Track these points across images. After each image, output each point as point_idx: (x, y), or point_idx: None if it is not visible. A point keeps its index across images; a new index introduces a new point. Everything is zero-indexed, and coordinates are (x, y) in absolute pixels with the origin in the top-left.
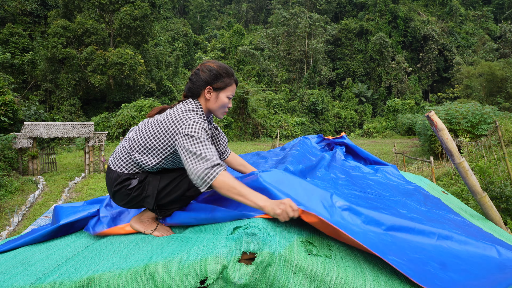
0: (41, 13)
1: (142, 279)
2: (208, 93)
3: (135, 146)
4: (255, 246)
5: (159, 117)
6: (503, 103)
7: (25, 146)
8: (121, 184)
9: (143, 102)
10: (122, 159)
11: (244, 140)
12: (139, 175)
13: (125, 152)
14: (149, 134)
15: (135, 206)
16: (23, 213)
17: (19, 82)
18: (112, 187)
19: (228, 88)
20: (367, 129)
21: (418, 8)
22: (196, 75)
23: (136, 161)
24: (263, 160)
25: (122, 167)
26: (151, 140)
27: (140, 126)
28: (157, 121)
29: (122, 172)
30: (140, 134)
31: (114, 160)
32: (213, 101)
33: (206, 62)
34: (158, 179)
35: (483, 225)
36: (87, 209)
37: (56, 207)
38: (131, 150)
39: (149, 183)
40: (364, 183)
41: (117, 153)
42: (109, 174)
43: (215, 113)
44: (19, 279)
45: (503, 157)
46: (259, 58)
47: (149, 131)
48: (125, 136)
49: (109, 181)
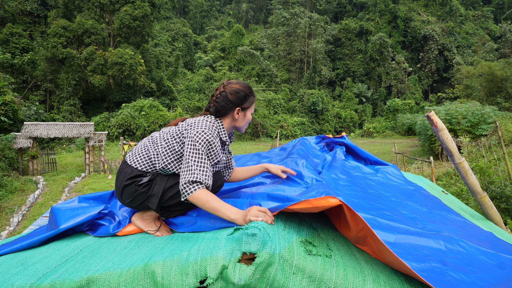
0: (41, 13)
1: (142, 278)
2: (237, 113)
3: (154, 145)
4: (255, 247)
5: (181, 123)
6: (503, 103)
7: (25, 146)
8: (132, 179)
9: (143, 102)
10: (140, 155)
11: (244, 140)
12: (151, 174)
13: (145, 150)
14: (168, 136)
15: (140, 205)
16: (23, 213)
17: (19, 82)
18: (124, 181)
19: (253, 105)
20: (367, 129)
21: (418, 8)
22: (223, 97)
23: (150, 160)
24: (266, 160)
25: (138, 163)
26: (168, 141)
27: (163, 130)
28: (178, 126)
29: (136, 168)
30: (162, 135)
31: (132, 155)
32: (241, 119)
33: (230, 84)
34: (165, 180)
35: (483, 225)
36: (86, 211)
37: (53, 209)
38: (150, 148)
39: (156, 183)
40: (365, 183)
41: (136, 150)
42: (124, 169)
43: (240, 129)
44: (19, 279)
45: (503, 157)
46: (259, 58)
47: (169, 133)
48: (149, 135)
49: (122, 175)
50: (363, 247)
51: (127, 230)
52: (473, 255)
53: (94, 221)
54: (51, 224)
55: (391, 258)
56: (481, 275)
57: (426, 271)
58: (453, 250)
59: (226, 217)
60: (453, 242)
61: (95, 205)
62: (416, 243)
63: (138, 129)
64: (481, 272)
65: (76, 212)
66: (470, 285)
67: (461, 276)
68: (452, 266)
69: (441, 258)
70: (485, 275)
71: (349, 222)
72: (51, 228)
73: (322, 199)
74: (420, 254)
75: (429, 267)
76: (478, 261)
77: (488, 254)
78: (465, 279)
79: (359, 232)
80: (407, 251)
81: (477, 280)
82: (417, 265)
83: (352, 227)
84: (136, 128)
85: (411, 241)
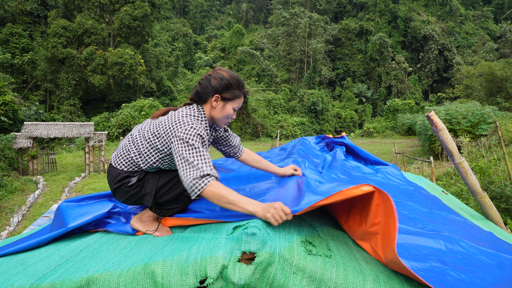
0: (41, 13)
1: (142, 278)
2: (215, 101)
3: (134, 145)
4: (255, 246)
5: (161, 118)
6: (503, 103)
7: (25, 146)
8: (120, 182)
9: (143, 102)
10: (123, 156)
11: (244, 140)
12: (138, 173)
13: (125, 150)
14: (149, 134)
15: (135, 203)
16: (23, 213)
17: (19, 82)
18: (112, 184)
19: (236, 100)
20: (367, 129)
21: (418, 8)
22: (206, 80)
23: (133, 160)
24: (267, 160)
25: (122, 164)
26: (150, 140)
27: (143, 125)
28: (158, 122)
29: (122, 169)
30: (142, 133)
31: (116, 157)
32: (218, 110)
33: (219, 70)
34: (157, 178)
35: (483, 225)
36: (94, 210)
37: (60, 208)
38: (130, 148)
39: (147, 181)
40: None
41: (118, 151)
42: (110, 171)
43: (218, 122)
44: (19, 279)
45: (503, 157)
46: (259, 58)
47: (150, 131)
48: (128, 134)
49: (110, 178)
50: (365, 244)
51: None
52: (473, 255)
53: (103, 220)
54: (57, 223)
55: (391, 256)
56: (481, 275)
57: (426, 271)
58: (453, 250)
59: (245, 210)
60: (453, 242)
61: (103, 203)
62: (416, 243)
63: None
64: (481, 272)
65: (85, 211)
66: (470, 285)
67: (461, 276)
68: (452, 266)
69: (441, 258)
70: (485, 275)
71: (369, 214)
72: (57, 227)
73: (355, 188)
74: (420, 254)
75: (429, 266)
76: (478, 261)
77: (488, 254)
78: (465, 279)
79: (372, 226)
80: (407, 251)
81: (477, 280)
82: (417, 265)
83: (368, 220)
84: None
85: (411, 241)
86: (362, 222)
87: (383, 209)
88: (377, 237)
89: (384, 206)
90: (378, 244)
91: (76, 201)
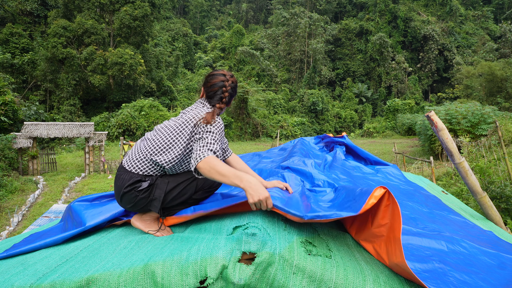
0: (41, 13)
1: (142, 278)
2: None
3: (152, 145)
4: (255, 246)
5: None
6: (503, 103)
7: (25, 146)
8: (131, 186)
9: (143, 102)
10: (138, 159)
11: (244, 140)
12: (151, 178)
13: (141, 152)
14: (166, 130)
15: (141, 209)
16: (23, 213)
17: (19, 82)
18: (122, 188)
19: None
20: (367, 129)
21: (418, 8)
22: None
23: (152, 160)
24: (269, 160)
25: (137, 167)
26: (170, 133)
27: (157, 127)
28: (176, 117)
29: (136, 172)
30: (158, 133)
31: (130, 160)
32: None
33: (220, 71)
34: (166, 183)
35: (483, 225)
36: (111, 208)
37: (73, 207)
38: (149, 149)
39: (157, 186)
40: (365, 183)
41: (132, 154)
42: (122, 175)
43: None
44: (19, 279)
45: (503, 157)
46: (259, 58)
47: (167, 126)
48: (142, 138)
49: (121, 182)
50: (368, 245)
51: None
52: (475, 256)
53: (120, 218)
54: (70, 221)
55: (397, 260)
56: (483, 276)
57: (429, 272)
58: (455, 251)
59: (232, 183)
60: (454, 243)
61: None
62: (418, 243)
63: (138, 129)
64: (483, 273)
65: (100, 210)
66: (473, 287)
67: (463, 277)
68: (455, 267)
69: (444, 258)
70: (487, 276)
71: (377, 215)
72: (72, 226)
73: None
74: (423, 255)
75: (431, 268)
76: (480, 261)
77: (489, 254)
78: (468, 280)
79: (378, 227)
80: (410, 252)
81: (480, 281)
82: (420, 266)
83: (375, 221)
84: (136, 128)
85: (413, 241)
86: (372, 222)
87: (391, 211)
88: (382, 239)
89: (392, 208)
90: (382, 246)
91: (89, 201)
